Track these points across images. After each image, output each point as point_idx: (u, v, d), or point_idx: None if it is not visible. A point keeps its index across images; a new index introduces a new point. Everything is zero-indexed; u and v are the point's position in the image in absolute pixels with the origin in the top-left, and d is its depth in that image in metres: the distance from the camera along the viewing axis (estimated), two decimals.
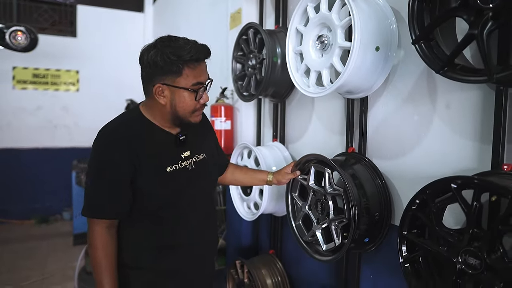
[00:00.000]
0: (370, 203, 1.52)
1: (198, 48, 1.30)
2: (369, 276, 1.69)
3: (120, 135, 1.33)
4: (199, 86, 1.32)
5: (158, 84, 1.29)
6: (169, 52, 1.25)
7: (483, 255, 0.98)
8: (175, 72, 1.27)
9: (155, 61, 1.27)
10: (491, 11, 0.94)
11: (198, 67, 1.31)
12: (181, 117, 1.35)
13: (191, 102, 1.33)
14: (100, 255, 1.32)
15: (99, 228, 1.33)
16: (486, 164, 1.17)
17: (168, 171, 1.36)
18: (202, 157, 1.49)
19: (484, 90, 1.21)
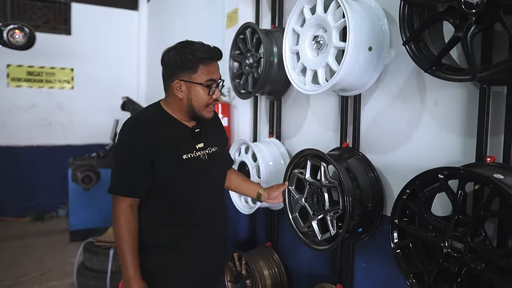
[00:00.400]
0: (363, 195, 1.60)
1: (212, 49, 1.49)
2: (362, 265, 1.78)
3: (142, 124, 1.52)
4: (212, 82, 1.49)
5: (177, 80, 1.48)
6: (186, 52, 1.44)
7: (467, 239, 1.07)
8: (191, 69, 1.45)
9: (174, 60, 1.46)
10: (474, 16, 1.03)
11: (211, 65, 1.49)
12: (196, 110, 1.52)
13: (205, 97, 1.49)
14: (124, 230, 1.48)
15: (123, 206, 1.49)
16: (471, 156, 1.26)
17: (184, 158, 1.53)
18: (214, 150, 1.65)
19: (469, 88, 1.30)
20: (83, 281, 3.15)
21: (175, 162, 1.51)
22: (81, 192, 4.41)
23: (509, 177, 1.09)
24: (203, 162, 1.58)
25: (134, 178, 1.49)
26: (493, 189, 1.02)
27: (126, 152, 1.50)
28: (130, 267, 1.48)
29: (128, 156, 1.50)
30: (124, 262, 1.49)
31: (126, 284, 1.51)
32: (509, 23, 0.98)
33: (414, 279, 1.25)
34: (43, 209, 5.42)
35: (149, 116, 1.56)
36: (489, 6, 1.00)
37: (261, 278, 2.25)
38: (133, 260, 1.49)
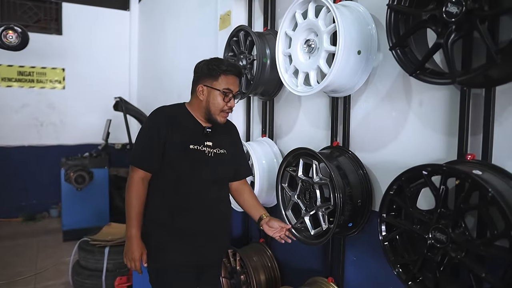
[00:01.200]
0: (353, 191, 1.69)
1: (233, 65, 1.78)
2: (352, 258, 1.87)
3: (164, 112, 1.80)
4: (228, 91, 1.73)
5: (201, 85, 1.75)
6: (213, 63, 1.73)
7: (449, 230, 1.16)
8: (214, 76, 1.72)
9: (202, 69, 1.76)
10: (454, 24, 1.12)
11: (231, 78, 1.74)
12: (211, 113, 1.75)
13: (221, 102, 1.73)
14: (133, 197, 1.72)
15: (136, 176, 1.73)
16: (453, 154, 1.35)
17: (190, 147, 1.74)
18: (222, 152, 1.83)
19: (451, 90, 1.39)
20: (78, 280, 3.18)
21: (183, 148, 1.73)
22: (74, 192, 4.42)
23: (487, 173, 1.18)
24: (207, 157, 1.77)
25: (147, 153, 1.73)
26: (472, 184, 1.10)
27: (145, 132, 1.77)
28: (133, 227, 1.72)
29: (145, 135, 1.76)
30: (129, 222, 1.72)
31: (127, 241, 1.74)
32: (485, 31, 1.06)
33: (401, 269, 1.34)
34: (35, 209, 5.42)
35: (173, 109, 1.82)
36: (467, 15, 1.09)
37: (255, 273, 2.32)
38: (137, 223, 1.73)
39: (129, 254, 1.73)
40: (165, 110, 1.80)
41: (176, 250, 1.76)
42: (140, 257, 1.74)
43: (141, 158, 1.75)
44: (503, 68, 1.12)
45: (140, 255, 1.73)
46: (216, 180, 1.80)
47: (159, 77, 4.68)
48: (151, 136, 1.73)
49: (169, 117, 1.76)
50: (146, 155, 1.74)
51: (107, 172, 4.60)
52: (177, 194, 1.74)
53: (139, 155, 1.76)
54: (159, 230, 1.76)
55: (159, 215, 1.76)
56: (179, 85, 4.01)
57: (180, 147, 1.73)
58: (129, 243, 1.73)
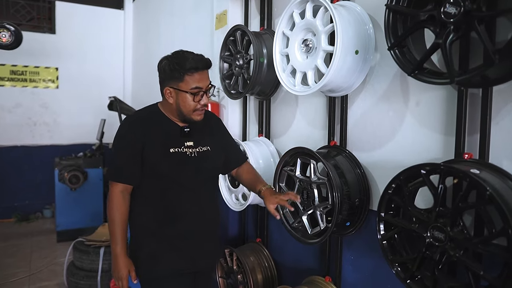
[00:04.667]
0: (351, 190, 1.69)
1: (199, 60, 1.62)
2: (350, 258, 1.87)
3: (136, 119, 1.72)
4: (197, 90, 1.62)
5: (167, 87, 1.64)
6: (175, 62, 1.59)
7: (447, 229, 1.17)
8: (178, 78, 1.60)
9: (164, 69, 1.64)
10: (452, 25, 1.13)
11: (197, 75, 1.61)
12: (185, 114, 1.66)
13: (192, 103, 1.63)
14: (115, 212, 1.65)
15: (116, 191, 1.66)
16: (450, 153, 1.36)
17: (171, 151, 1.66)
18: (205, 149, 1.75)
19: (448, 90, 1.40)
20: (73, 281, 3.16)
21: (163, 153, 1.65)
22: (68, 192, 4.39)
23: (485, 172, 1.19)
24: (190, 158, 1.69)
25: (125, 166, 1.66)
26: (470, 183, 1.11)
27: (120, 143, 1.69)
28: (117, 245, 1.66)
29: (121, 146, 1.68)
30: (113, 239, 1.67)
31: (113, 259, 1.69)
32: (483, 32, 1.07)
33: (399, 267, 1.34)
34: (28, 209, 5.37)
35: (146, 113, 1.75)
36: (465, 16, 1.10)
37: (252, 273, 2.32)
38: (121, 239, 1.67)
39: (116, 273, 1.67)
40: (137, 117, 1.73)
41: (169, 259, 1.70)
42: (128, 275, 1.67)
43: (118, 171, 1.67)
44: (500, 68, 1.14)
45: (127, 273, 1.67)
46: (202, 181, 1.74)
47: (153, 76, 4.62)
48: (126, 147, 1.65)
49: (143, 122, 1.68)
50: (123, 167, 1.66)
51: (101, 172, 4.57)
52: (164, 201, 1.68)
53: (116, 169, 1.68)
54: (149, 240, 1.70)
55: (148, 224, 1.70)
56: None
57: (160, 153, 1.64)
58: (115, 262, 1.67)
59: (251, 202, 2.24)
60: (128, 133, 1.66)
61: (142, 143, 1.63)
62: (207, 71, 1.67)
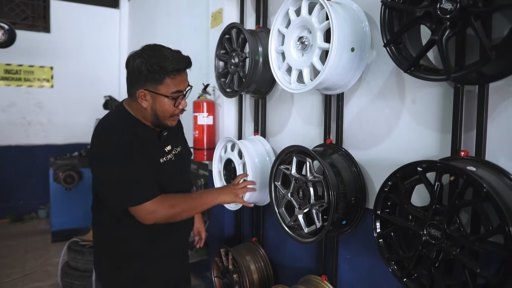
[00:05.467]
0: (347, 188, 1.68)
1: (180, 59, 1.43)
2: (346, 256, 1.86)
3: (123, 128, 1.46)
4: (178, 94, 1.46)
5: (142, 89, 1.43)
6: (153, 62, 1.38)
7: (444, 226, 1.16)
8: (157, 80, 1.41)
9: (140, 69, 1.40)
10: (448, 21, 1.12)
11: (179, 77, 1.45)
12: (160, 120, 1.50)
13: (170, 108, 1.47)
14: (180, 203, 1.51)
15: (155, 203, 1.42)
16: (446, 150, 1.36)
17: (161, 162, 1.54)
18: (179, 149, 1.67)
19: (444, 87, 1.39)
20: (67, 281, 3.14)
21: (155, 166, 1.50)
22: (63, 192, 4.36)
23: (481, 169, 1.18)
24: (174, 163, 1.60)
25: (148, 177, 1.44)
26: (466, 180, 1.11)
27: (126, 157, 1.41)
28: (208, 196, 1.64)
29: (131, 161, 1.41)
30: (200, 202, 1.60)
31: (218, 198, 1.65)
32: (479, 28, 1.07)
33: (396, 266, 1.33)
34: (23, 210, 5.33)
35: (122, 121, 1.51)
36: (461, 12, 1.09)
37: (248, 272, 2.31)
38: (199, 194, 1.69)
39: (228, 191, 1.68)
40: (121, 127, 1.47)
41: (156, 277, 1.60)
42: None
43: (148, 186, 1.43)
44: (496, 65, 1.13)
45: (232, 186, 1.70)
46: (184, 182, 1.70)
47: None
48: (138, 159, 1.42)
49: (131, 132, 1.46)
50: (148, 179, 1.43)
51: None
52: None
53: (144, 185, 1.42)
54: (134, 261, 1.56)
55: (134, 245, 1.55)
56: None
57: (152, 165, 1.48)
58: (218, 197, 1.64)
59: (246, 201, 2.22)
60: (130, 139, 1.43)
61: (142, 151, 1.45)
62: (186, 71, 1.51)
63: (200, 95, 2.84)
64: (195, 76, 3.36)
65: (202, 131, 2.77)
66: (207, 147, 2.78)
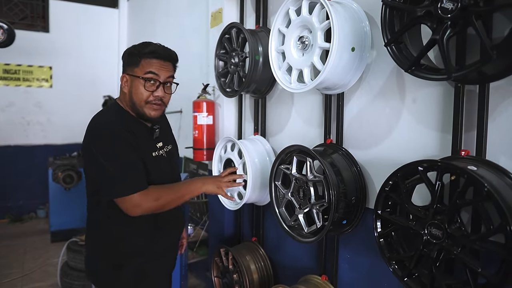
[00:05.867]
0: (347, 188, 1.68)
1: (159, 48, 1.53)
2: (346, 256, 1.86)
3: (119, 123, 1.50)
4: (151, 76, 1.49)
5: (124, 74, 1.55)
6: (134, 47, 1.52)
7: (445, 226, 1.16)
8: (135, 63, 1.51)
9: (124, 55, 1.55)
10: (449, 20, 1.12)
11: (155, 62, 1.50)
12: (137, 106, 1.53)
13: (144, 92, 1.50)
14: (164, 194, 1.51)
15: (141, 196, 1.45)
16: (447, 150, 1.36)
17: (153, 155, 1.59)
18: (170, 148, 1.74)
19: (444, 87, 1.39)
20: (67, 281, 3.13)
21: (148, 160, 1.53)
22: (62, 192, 4.35)
23: (482, 168, 1.18)
24: (165, 159, 1.65)
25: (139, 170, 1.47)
26: (467, 179, 1.11)
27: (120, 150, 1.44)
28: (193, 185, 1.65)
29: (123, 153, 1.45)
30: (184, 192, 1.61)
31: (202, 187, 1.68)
32: (480, 27, 1.07)
33: (396, 265, 1.33)
34: (22, 210, 5.32)
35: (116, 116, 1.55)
36: (462, 11, 1.09)
37: (248, 272, 2.31)
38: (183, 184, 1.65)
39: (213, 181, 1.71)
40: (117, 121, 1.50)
41: (156, 271, 1.65)
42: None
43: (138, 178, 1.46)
44: (497, 64, 1.13)
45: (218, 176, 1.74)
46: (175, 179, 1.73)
47: None
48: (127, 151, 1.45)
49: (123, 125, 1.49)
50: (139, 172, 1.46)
51: None
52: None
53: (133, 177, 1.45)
54: (134, 259, 1.58)
55: (133, 243, 1.58)
56: None
57: (146, 158, 1.52)
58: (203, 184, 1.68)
59: (246, 201, 2.22)
60: (121, 132, 1.45)
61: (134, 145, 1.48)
62: (170, 64, 1.55)
63: (199, 95, 2.84)
64: (195, 76, 3.38)
65: (201, 131, 2.77)
66: (207, 147, 2.78)
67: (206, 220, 3.20)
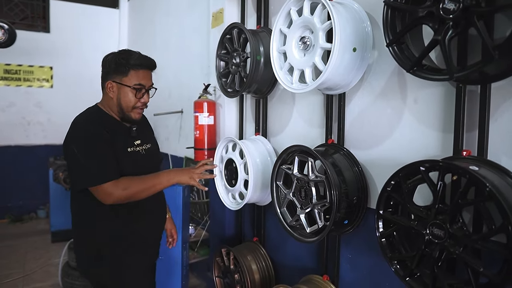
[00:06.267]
0: (349, 188, 1.69)
1: (145, 59, 1.70)
2: (347, 256, 1.87)
3: (95, 120, 1.66)
4: (140, 86, 1.67)
5: (109, 81, 1.67)
6: (121, 57, 1.65)
7: (447, 226, 1.16)
8: (123, 72, 1.65)
9: (109, 63, 1.67)
10: (451, 21, 1.12)
11: (142, 72, 1.68)
12: (124, 111, 1.69)
13: (133, 99, 1.68)
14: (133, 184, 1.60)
15: (112, 185, 1.56)
16: (449, 150, 1.36)
17: (128, 150, 1.71)
18: (149, 146, 1.86)
19: (446, 87, 1.40)
20: (68, 281, 3.13)
21: (123, 153, 1.67)
22: (63, 192, 4.34)
23: (484, 168, 1.19)
24: (142, 156, 1.77)
25: (109, 162, 1.59)
26: (469, 179, 1.11)
27: (93, 143, 1.58)
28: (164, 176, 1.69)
29: (95, 146, 1.58)
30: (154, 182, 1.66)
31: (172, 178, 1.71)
32: (482, 28, 1.07)
33: (398, 265, 1.34)
34: (22, 210, 5.32)
35: (95, 115, 1.70)
36: (464, 12, 1.09)
37: (249, 272, 2.31)
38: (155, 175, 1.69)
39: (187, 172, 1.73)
40: (94, 119, 1.67)
41: (136, 262, 1.75)
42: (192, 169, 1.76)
43: (109, 168, 1.57)
44: (498, 64, 1.13)
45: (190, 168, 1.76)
46: None
47: None
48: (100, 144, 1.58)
49: (100, 124, 1.63)
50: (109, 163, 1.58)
51: None
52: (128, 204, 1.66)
53: (103, 168, 1.57)
54: (114, 246, 1.69)
55: (112, 230, 1.69)
56: (170, 83, 3.97)
57: (121, 152, 1.65)
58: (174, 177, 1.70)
59: (248, 201, 2.23)
60: (96, 132, 1.59)
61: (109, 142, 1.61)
62: (150, 72, 1.74)
63: (201, 95, 2.84)
64: (196, 77, 3.38)
65: (203, 131, 2.78)
66: (208, 147, 2.78)
67: (207, 220, 3.20)
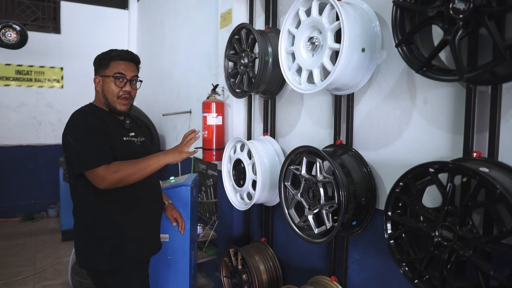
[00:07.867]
0: (357, 189, 1.68)
1: (126, 52, 1.86)
2: (356, 257, 1.86)
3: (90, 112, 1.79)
4: (120, 75, 1.80)
5: (96, 76, 1.85)
6: (104, 53, 1.84)
7: (456, 228, 1.15)
8: (105, 65, 1.81)
9: (95, 61, 1.86)
10: (461, 21, 1.11)
11: (122, 63, 1.81)
12: (109, 101, 1.81)
13: (114, 88, 1.80)
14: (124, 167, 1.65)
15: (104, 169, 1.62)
16: (458, 151, 1.35)
17: (124, 139, 1.83)
18: (143, 139, 1.99)
19: (456, 88, 1.38)
20: (77, 280, 3.16)
21: (118, 142, 1.77)
22: None
23: (494, 170, 1.17)
24: (138, 146, 1.90)
25: (103, 147, 1.68)
26: (479, 181, 1.10)
27: (88, 130, 1.68)
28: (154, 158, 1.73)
29: (91, 133, 1.67)
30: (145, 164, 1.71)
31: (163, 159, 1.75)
32: (493, 28, 1.06)
33: (407, 267, 1.33)
34: (33, 209, 5.39)
35: (89, 108, 1.84)
36: (475, 12, 1.08)
37: (257, 273, 2.31)
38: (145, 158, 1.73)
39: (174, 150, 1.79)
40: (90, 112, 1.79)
41: (133, 248, 1.83)
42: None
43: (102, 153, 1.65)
44: (509, 65, 1.12)
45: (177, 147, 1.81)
46: None
47: (158, 76, 4.66)
48: (95, 130, 1.68)
49: (94, 115, 1.76)
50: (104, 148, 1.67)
51: None
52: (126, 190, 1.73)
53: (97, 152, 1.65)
54: (111, 232, 1.77)
55: (109, 217, 1.78)
56: (179, 84, 3.99)
57: (117, 140, 1.77)
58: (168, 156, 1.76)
59: (256, 201, 2.23)
60: (92, 120, 1.71)
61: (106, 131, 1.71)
62: (134, 65, 1.86)
63: (209, 96, 2.85)
64: (204, 77, 3.39)
65: (211, 131, 2.78)
66: (216, 147, 2.79)
67: (215, 220, 3.21)
